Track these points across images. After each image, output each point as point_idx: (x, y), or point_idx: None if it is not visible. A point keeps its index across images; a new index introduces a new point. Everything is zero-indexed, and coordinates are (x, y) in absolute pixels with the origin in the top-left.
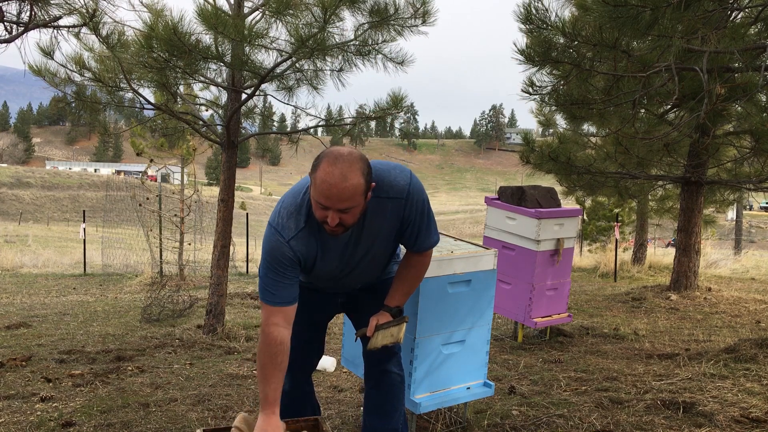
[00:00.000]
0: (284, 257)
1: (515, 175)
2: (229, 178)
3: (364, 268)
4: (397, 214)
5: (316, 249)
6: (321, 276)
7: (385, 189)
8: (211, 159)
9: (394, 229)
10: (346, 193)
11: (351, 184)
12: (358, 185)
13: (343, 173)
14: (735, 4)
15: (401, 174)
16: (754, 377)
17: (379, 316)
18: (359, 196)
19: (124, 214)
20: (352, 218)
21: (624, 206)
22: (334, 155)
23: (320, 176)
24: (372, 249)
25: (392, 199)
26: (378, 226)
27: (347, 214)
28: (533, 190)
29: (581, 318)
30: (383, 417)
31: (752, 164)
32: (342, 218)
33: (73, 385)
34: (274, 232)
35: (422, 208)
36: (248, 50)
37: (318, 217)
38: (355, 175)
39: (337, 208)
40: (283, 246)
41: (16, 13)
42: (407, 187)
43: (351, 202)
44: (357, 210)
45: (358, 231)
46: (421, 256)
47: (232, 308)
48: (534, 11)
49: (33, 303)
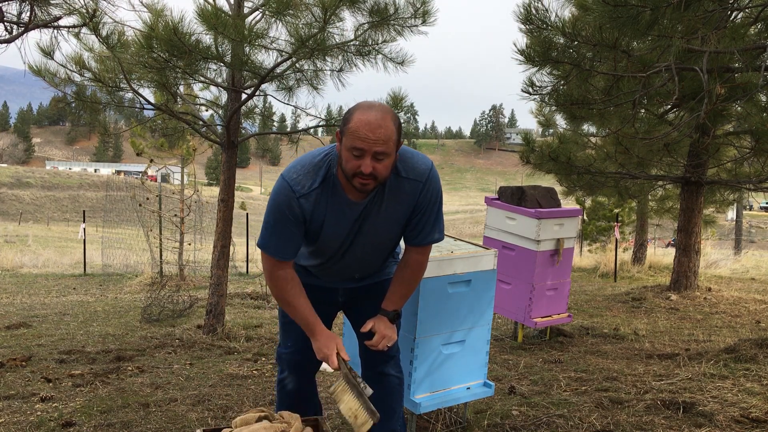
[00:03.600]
0: (291, 211)
1: (515, 175)
2: (229, 178)
3: (367, 249)
4: (412, 197)
5: (324, 213)
6: (323, 249)
7: (406, 169)
8: (211, 159)
9: (406, 214)
10: (382, 135)
11: (387, 129)
12: (393, 131)
13: (378, 117)
14: (735, 4)
15: (423, 159)
16: (754, 377)
17: (376, 320)
18: (393, 143)
19: (124, 214)
20: (385, 170)
21: (624, 206)
22: (368, 104)
23: (357, 118)
24: (379, 229)
25: (411, 181)
26: (392, 206)
27: (381, 163)
28: (533, 190)
29: (581, 318)
30: (381, 419)
31: (752, 164)
32: (375, 168)
33: (73, 385)
34: (286, 186)
35: (436, 198)
36: (248, 50)
37: (350, 169)
38: (390, 121)
39: (374, 150)
40: (291, 200)
41: (16, 13)
42: (428, 172)
43: (387, 146)
44: (389, 161)
45: (371, 204)
46: (419, 254)
47: (232, 308)
48: (534, 11)
49: (33, 303)
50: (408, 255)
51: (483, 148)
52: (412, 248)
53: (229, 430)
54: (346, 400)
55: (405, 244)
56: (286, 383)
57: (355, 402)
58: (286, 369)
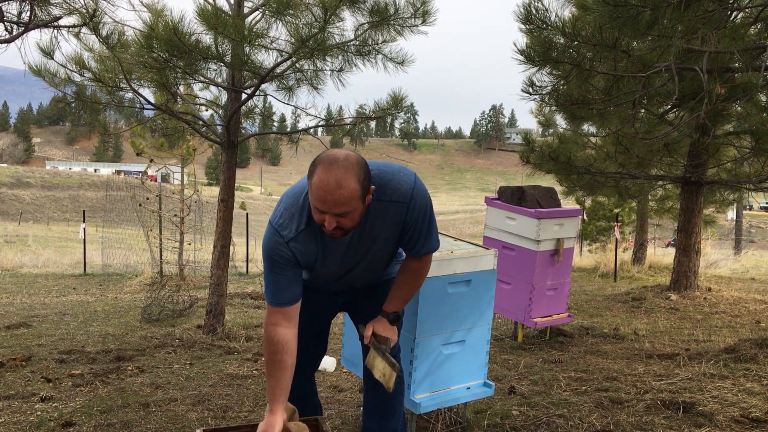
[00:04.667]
0: (282, 257)
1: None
2: (229, 178)
3: (365, 268)
4: (399, 218)
5: (317, 251)
6: (322, 276)
7: (388, 193)
8: (211, 159)
9: (396, 233)
10: (341, 198)
11: (346, 190)
12: (354, 191)
13: (337, 180)
14: (735, 4)
15: (405, 178)
16: (754, 377)
17: (375, 322)
18: (355, 201)
19: (124, 214)
20: (351, 222)
21: (624, 206)
22: (329, 160)
23: (315, 182)
24: (372, 251)
25: (395, 203)
26: (379, 229)
27: (345, 218)
28: (533, 190)
29: (581, 318)
30: (382, 418)
31: (752, 164)
32: (339, 222)
33: (73, 385)
34: (274, 232)
35: (424, 213)
36: (248, 50)
37: (316, 221)
38: (350, 181)
39: (333, 212)
40: (281, 246)
41: (17, 13)
42: (410, 191)
43: (347, 207)
44: (355, 214)
45: (359, 234)
46: (420, 261)
47: (232, 308)
48: (534, 11)
49: (33, 303)
50: (408, 261)
51: (483, 148)
52: (411, 257)
53: None
54: (378, 365)
55: (405, 253)
56: None
57: (383, 363)
58: None
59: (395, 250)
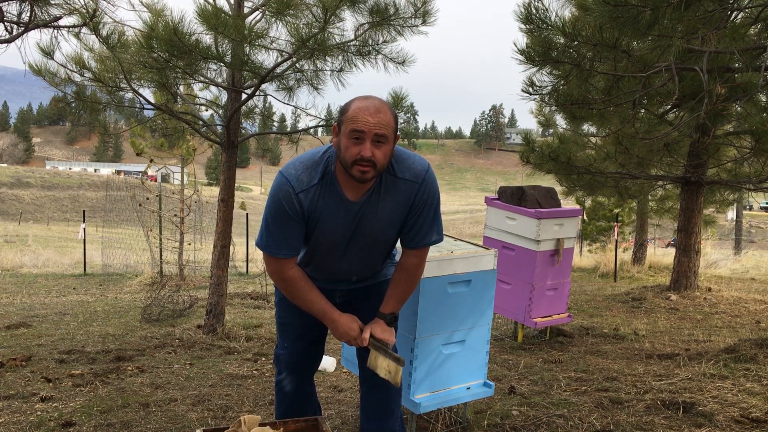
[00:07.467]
0: (291, 207)
1: (515, 175)
2: (229, 178)
3: (364, 250)
4: (408, 198)
5: (322, 211)
6: (320, 248)
7: (402, 170)
8: (211, 159)
9: (402, 215)
10: (384, 118)
11: (385, 115)
12: (391, 118)
13: (377, 105)
14: (735, 4)
15: (420, 160)
16: (754, 377)
17: (372, 324)
18: (391, 129)
19: (124, 214)
20: (383, 157)
21: (624, 206)
22: (364, 96)
23: (354, 108)
24: (376, 228)
25: (407, 182)
26: (388, 205)
27: (380, 150)
28: (533, 190)
29: (581, 318)
30: (380, 419)
31: (752, 164)
32: (375, 153)
33: (73, 385)
34: (285, 182)
35: (432, 199)
36: (248, 50)
37: (349, 157)
38: (388, 109)
39: (374, 133)
40: (291, 196)
41: (17, 13)
42: (424, 174)
43: (386, 130)
44: (387, 149)
45: (367, 203)
46: (416, 257)
47: (232, 308)
48: (534, 11)
49: (33, 303)
50: (405, 258)
51: (483, 148)
52: (408, 251)
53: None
54: (380, 365)
55: (402, 246)
56: (285, 384)
57: (386, 361)
58: (284, 370)
59: (395, 239)
